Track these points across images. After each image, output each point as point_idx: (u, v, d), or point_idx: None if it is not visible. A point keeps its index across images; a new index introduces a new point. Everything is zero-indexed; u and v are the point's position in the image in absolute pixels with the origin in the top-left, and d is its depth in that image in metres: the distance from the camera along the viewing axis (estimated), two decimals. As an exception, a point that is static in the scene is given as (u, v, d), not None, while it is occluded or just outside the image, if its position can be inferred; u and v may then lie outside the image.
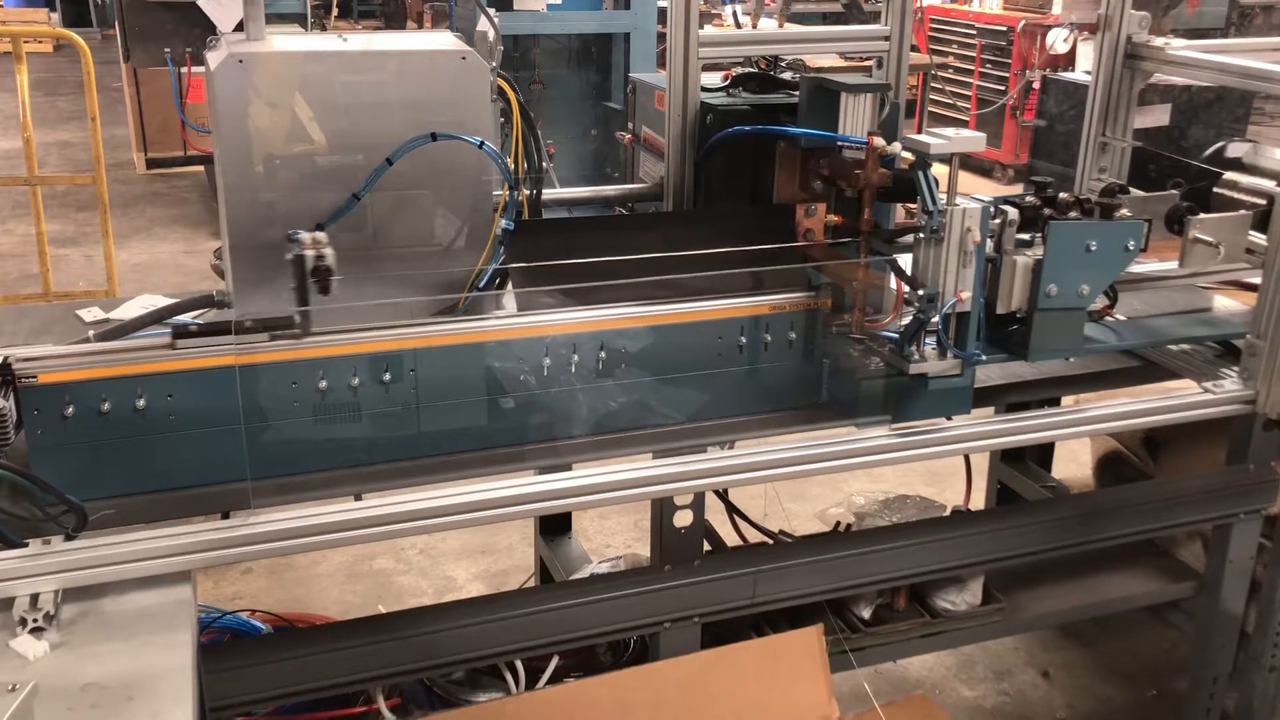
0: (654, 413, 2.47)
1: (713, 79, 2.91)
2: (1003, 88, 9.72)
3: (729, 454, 2.45)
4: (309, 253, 2.11)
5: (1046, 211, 2.49)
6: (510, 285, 2.52)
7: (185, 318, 2.51)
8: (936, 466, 4.44)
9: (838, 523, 3.10)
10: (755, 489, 2.77)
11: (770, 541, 2.91)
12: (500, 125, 2.54)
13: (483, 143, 2.32)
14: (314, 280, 2.11)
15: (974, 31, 10.12)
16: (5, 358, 2.05)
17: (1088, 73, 3.34)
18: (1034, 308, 2.47)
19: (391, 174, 2.32)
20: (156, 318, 2.42)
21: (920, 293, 2.33)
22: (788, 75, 3.01)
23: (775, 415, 2.56)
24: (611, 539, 4.55)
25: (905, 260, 2.43)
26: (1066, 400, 3.28)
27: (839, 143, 2.54)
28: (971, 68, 10.13)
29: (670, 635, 2.49)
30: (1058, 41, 9.01)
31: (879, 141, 2.40)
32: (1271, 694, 3.12)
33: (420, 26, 9.00)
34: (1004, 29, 9.78)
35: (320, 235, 2.15)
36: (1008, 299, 2.48)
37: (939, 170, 2.35)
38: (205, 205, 8.97)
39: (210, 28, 6.75)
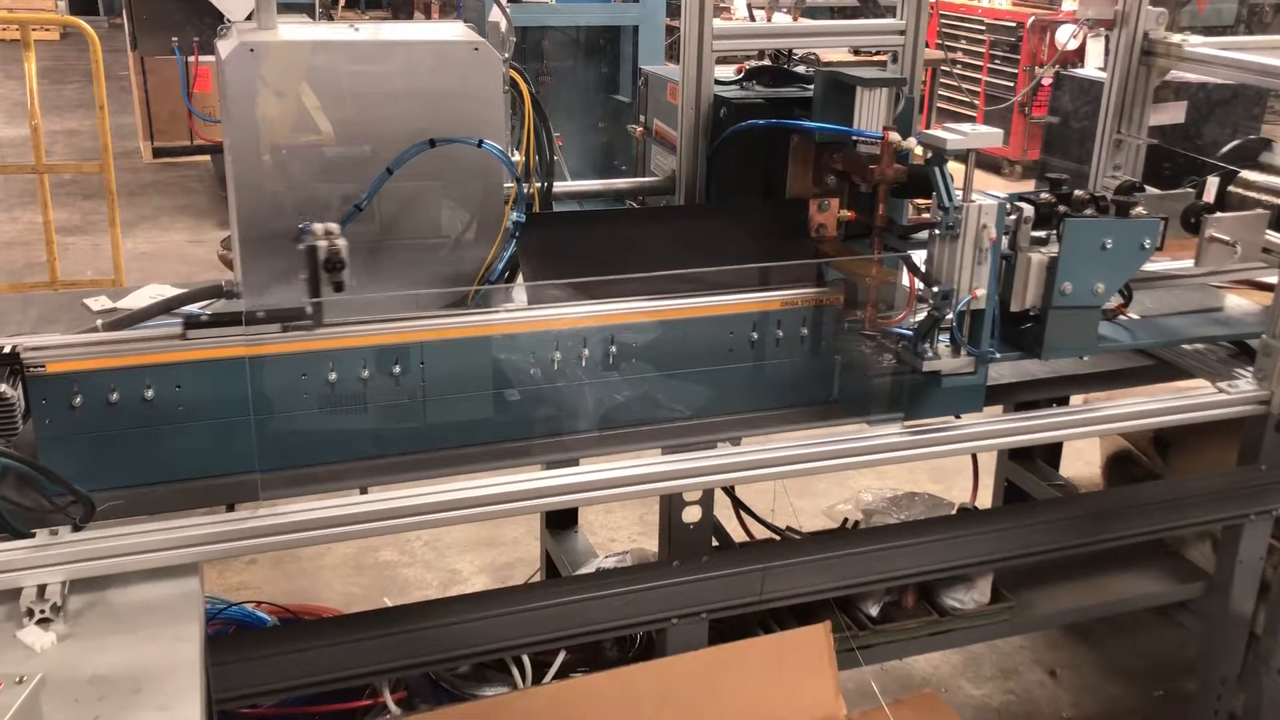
0: (663, 408, 2.46)
1: (725, 72, 2.89)
2: (1011, 84, 9.68)
3: (739, 450, 2.44)
4: (321, 244, 2.10)
5: (1062, 209, 2.47)
6: (520, 278, 2.51)
7: (194, 308, 2.50)
8: (943, 464, 4.43)
9: (845, 520, 3.09)
10: (763, 485, 2.75)
11: (778, 538, 2.90)
12: (510, 117, 2.52)
13: (480, 141, 2.29)
14: (326, 272, 2.10)
15: (983, 27, 10.09)
16: (13, 346, 2.04)
17: (1099, 69, 3.32)
18: (1048, 306, 2.45)
19: (402, 167, 2.30)
20: (165, 307, 2.41)
21: (935, 289, 2.32)
22: (801, 69, 2.99)
23: (786, 411, 2.55)
24: (617, 533, 4.54)
25: (918, 257, 2.42)
26: (1076, 399, 3.26)
27: (854, 137, 2.52)
28: (980, 63, 10.09)
29: (678, 631, 2.48)
30: (1068, 38, 8.97)
31: (894, 136, 2.38)
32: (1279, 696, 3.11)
33: (428, 17, 8.98)
34: (1013, 25, 9.75)
35: (332, 226, 2.14)
36: (1022, 296, 2.46)
37: (952, 167, 2.33)
38: (212, 195, 8.96)
39: (217, 17, 6.74)
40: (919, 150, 2.37)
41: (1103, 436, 3.70)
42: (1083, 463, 4.23)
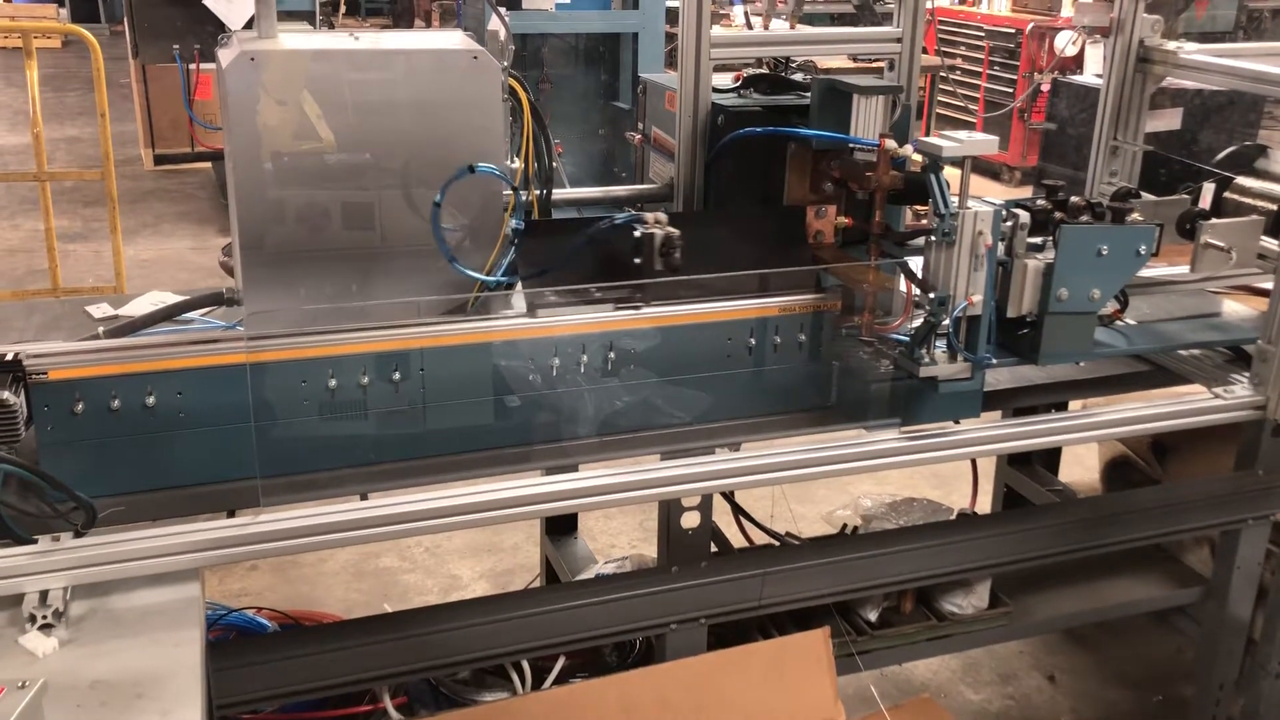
0: (662, 414, 2.47)
1: (723, 80, 2.91)
2: (1011, 90, 9.70)
3: (737, 456, 2.45)
4: (656, 231, 2.27)
5: (1058, 215, 2.48)
6: (519, 285, 2.52)
7: (195, 315, 2.51)
8: (942, 469, 4.44)
9: (844, 525, 3.09)
10: (761, 490, 2.76)
11: (777, 543, 2.91)
12: (510, 124, 2.54)
13: (501, 172, 2.33)
14: (662, 256, 2.26)
15: (982, 34, 10.11)
16: (15, 354, 2.05)
17: (1098, 76, 3.33)
18: (1044, 312, 2.46)
19: (400, 174, 2.32)
20: (166, 314, 2.42)
21: (931, 296, 2.33)
22: (798, 76, 3.00)
23: (784, 417, 2.56)
24: (617, 539, 4.55)
25: (915, 263, 2.43)
26: (1074, 405, 3.27)
27: (851, 144, 2.54)
28: (979, 70, 10.12)
29: (676, 636, 2.49)
30: (1066, 44, 8.99)
31: (891, 143, 2.39)
32: (1277, 701, 3.11)
33: (428, 25, 9.00)
34: (1012, 31, 9.77)
35: (660, 215, 2.32)
36: (1018, 303, 2.47)
37: (949, 173, 2.35)
38: (213, 202, 8.98)
39: (219, 25, 6.75)
40: (916, 157, 2.38)
41: (1101, 442, 3.70)
42: (1081, 468, 4.23)
